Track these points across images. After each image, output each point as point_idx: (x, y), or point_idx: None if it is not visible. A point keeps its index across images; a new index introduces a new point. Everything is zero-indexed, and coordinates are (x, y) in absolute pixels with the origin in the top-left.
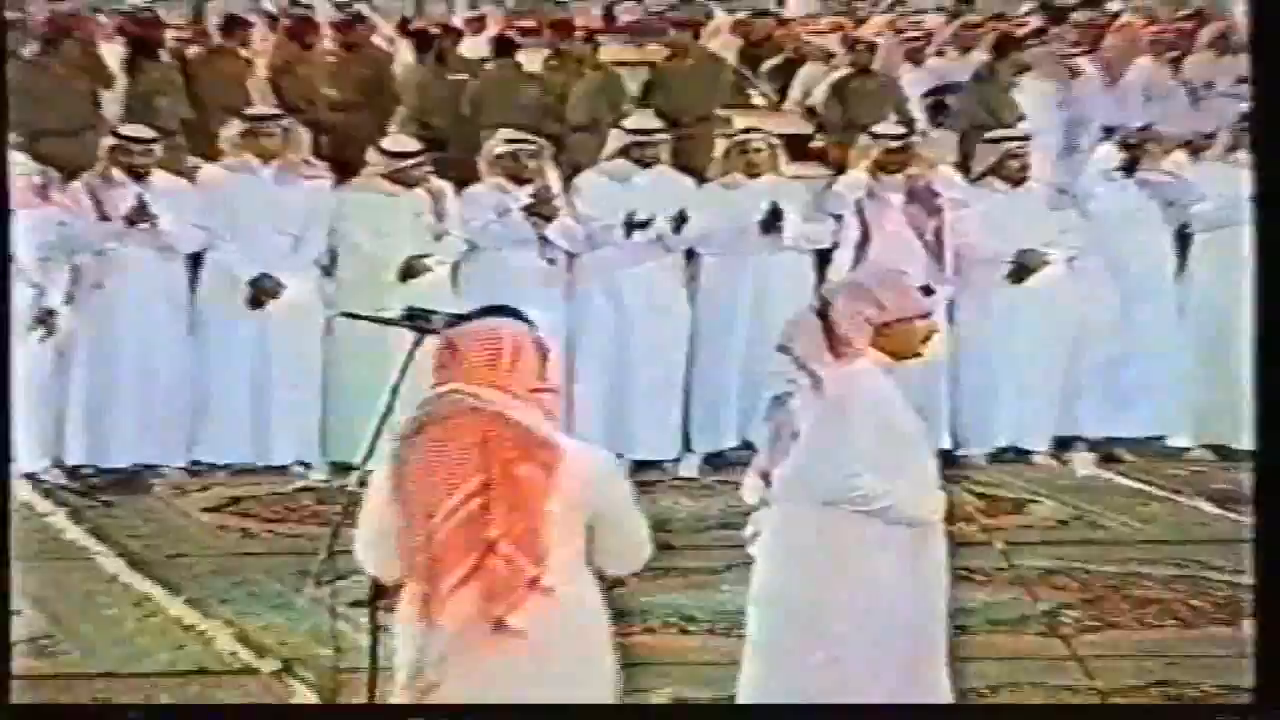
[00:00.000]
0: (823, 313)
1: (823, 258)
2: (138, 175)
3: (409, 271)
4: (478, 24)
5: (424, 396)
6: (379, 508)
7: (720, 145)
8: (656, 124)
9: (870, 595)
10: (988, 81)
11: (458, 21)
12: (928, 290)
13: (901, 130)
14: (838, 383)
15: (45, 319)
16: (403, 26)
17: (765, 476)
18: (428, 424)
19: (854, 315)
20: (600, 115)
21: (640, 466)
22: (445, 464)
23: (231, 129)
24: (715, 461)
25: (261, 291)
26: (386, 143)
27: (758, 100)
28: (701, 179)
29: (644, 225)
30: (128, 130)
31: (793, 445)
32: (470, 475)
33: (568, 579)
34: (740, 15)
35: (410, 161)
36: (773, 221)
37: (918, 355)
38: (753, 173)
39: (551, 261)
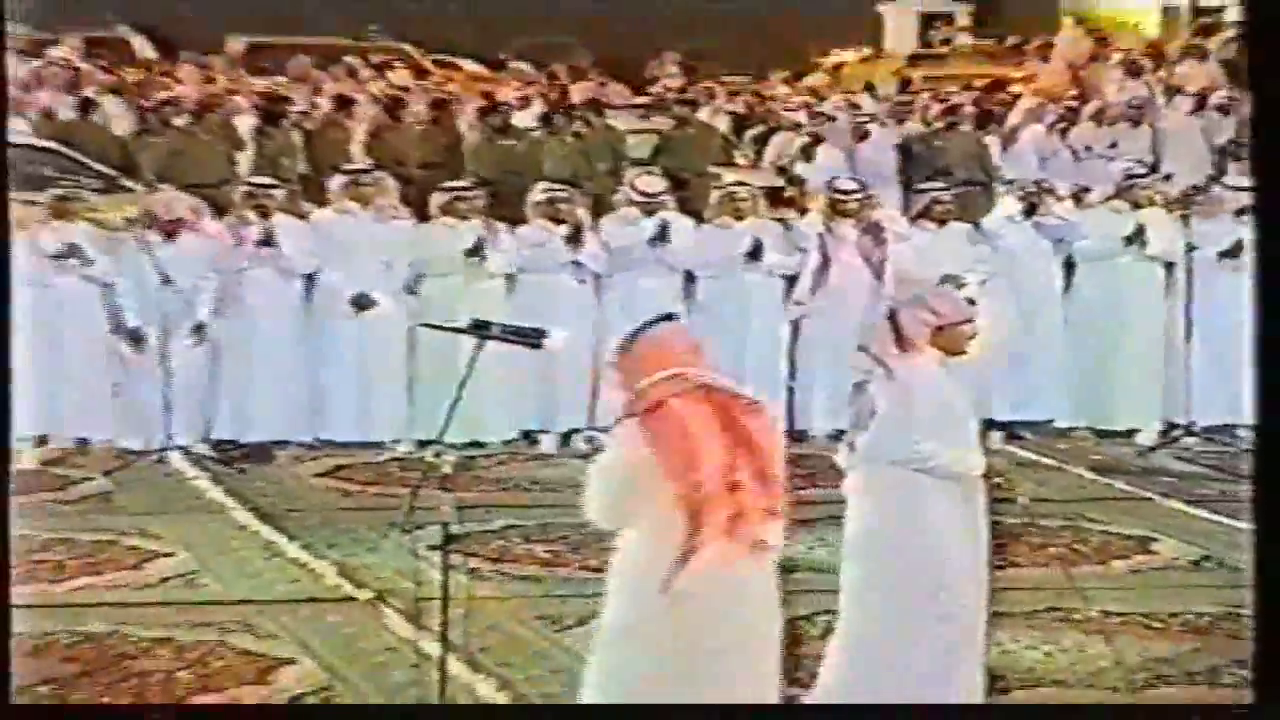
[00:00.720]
0: (892, 318)
1: (790, 280)
2: (264, 214)
3: (472, 251)
4: (525, 100)
5: (645, 382)
6: (634, 469)
7: (714, 194)
8: (661, 187)
9: (933, 536)
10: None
11: (511, 98)
12: (972, 302)
13: (855, 185)
14: (905, 372)
15: (198, 330)
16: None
17: (851, 445)
18: (666, 400)
19: (916, 320)
20: (580, 171)
21: None
22: (697, 427)
23: (336, 181)
24: None
25: (360, 305)
26: (443, 184)
27: (741, 160)
28: (699, 220)
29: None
30: (255, 179)
31: (871, 420)
32: (717, 433)
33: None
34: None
35: (457, 194)
36: (755, 254)
37: (964, 353)
38: (739, 216)
39: (582, 282)
